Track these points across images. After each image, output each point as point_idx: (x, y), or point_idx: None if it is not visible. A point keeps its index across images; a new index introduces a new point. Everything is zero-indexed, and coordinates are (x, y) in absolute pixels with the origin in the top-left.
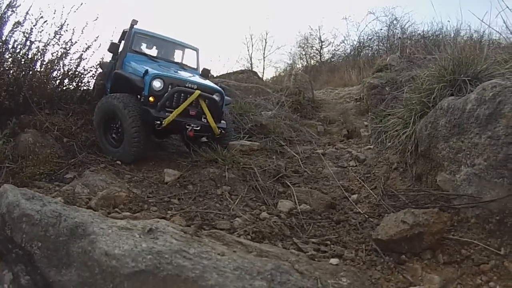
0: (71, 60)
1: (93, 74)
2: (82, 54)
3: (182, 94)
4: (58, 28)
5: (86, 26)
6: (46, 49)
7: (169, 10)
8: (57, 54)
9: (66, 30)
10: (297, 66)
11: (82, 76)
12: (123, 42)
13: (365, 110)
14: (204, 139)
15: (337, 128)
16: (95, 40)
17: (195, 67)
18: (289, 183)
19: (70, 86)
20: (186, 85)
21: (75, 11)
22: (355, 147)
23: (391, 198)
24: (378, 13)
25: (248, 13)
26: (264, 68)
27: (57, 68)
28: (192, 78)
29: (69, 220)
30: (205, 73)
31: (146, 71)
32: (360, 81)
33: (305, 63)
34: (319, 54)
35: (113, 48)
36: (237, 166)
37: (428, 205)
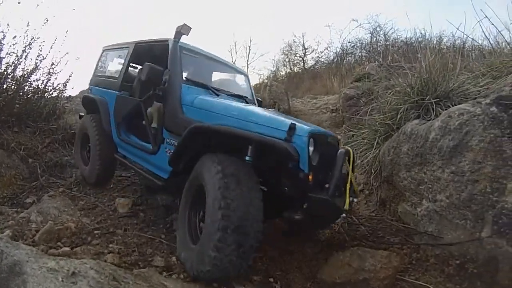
0: (41, 75)
1: (60, 91)
2: (49, 70)
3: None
4: (28, 43)
5: (55, 41)
6: (18, 64)
7: (150, 18)
8: (27, 69)
9: (40, 46)
10: (281, 73)
11: (51, 92)
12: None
13: (340, 122)
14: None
15: None
16: (64, 56)
17: (251, 97)
18: None
19: (39, 103)
20: (328, 140)
21: (43, 25)
22: None
23: (352, 227)
24: (362, 20)
25: (232, 21)
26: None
27: (27, 84)
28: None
29: (9, 258)
30: (260, 105)
31: (292, 128)
32: (341, 89)
33: (289, 70)
34: (302, 61)
35: (153, 74)
36: None
37: (388, 237)
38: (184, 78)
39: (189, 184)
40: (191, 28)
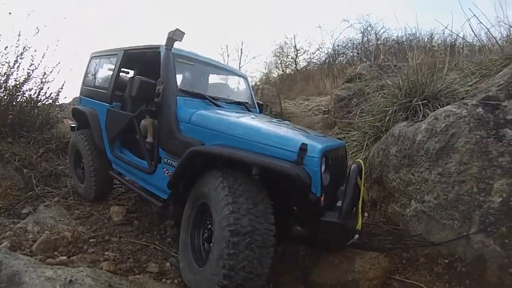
0: (33, 85)
1: (53, 100)
2: (42, 80)
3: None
4: (20, 53)
5: (47, 50)
6: (11, 74)
7: (142, 24)
8: (19, 79)
9: (32, 55)
10: (273, 75)
11: (44, 102)
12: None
13: (332, 123)
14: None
15: None
16: (57, 65)
17: (251, 102)
18: None
19: (32, 113)
20: (339, 153)
21: (35, 35)
22: None
23: None
24: (352, 20)
25: (223, 24)
26: None
27: (20, 94)
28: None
29: (8, 268)
30: (260, 109)
31: (304, 149)
32: (333, 90)
33: (281, 72)
34: (294, 63)
35: (144, 89)
36: None
37: (379, 238)
38: (179, 90)
39: (191, 203)
40: (184, 33)
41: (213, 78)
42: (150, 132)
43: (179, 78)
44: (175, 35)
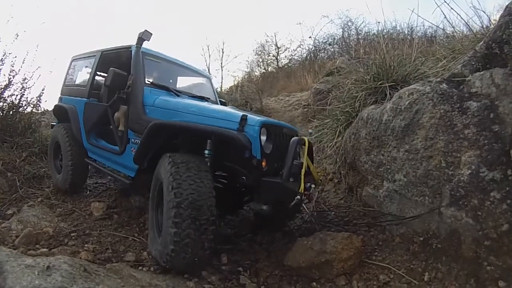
0: (14, 91)
1: (35, 105)
2: (23, 85)
3: (300, 146)
4: (0, 59)
5: (27, 55)
6: None
7: (122, 26)
8: (0, 85)
9: (12, 61)
10: (255, 73)
11: (25, 107)
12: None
13: (312, 117)
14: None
15: None
16: (37, 69)
17: (214, 99)
18: None
19: (14, 118)
20: (284, 131)
21: (14, 41)
22: None
23: (320, 214)
24: (332, 16)
25: (203, 24)
26: (222, 78)
27: (1, 100)
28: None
29: None
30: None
31: (244, 119)
32: (313, 84)
33: (263, 70)
34: (276, 60)
35: (117, 79)
36: None
37: (355, 221)
38: (147, 82)
39: (153, 186)
40: (151, 33)
41: (182, 81)
42: (122, 122)
43: (148, 74)
44: (144, 35)
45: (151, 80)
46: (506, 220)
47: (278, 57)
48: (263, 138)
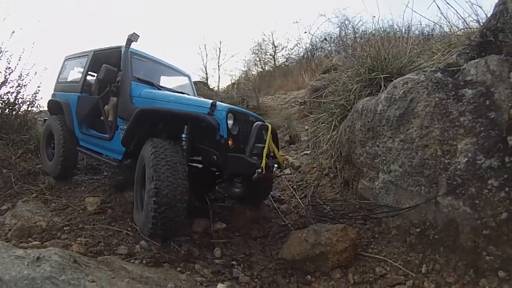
0: (10, 88)
1: (30, 102)
2: (19, 82)
3: (263, 130)
4: None
5: (23, 52)
6: None
7: (117, 26)
8: None
9: (8, 59)
10: (252, 72)
11: (21, 105)
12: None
13: (308, 113)
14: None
15: (281, 134)
16: (32, 67)
17: (193, 95)
18: (207, 200)
19: (10, 115)
20: (250, 119)
21: (9, 38)
22: (293, 153)
23: (316, 208)
24: (329, 14)
25: (200, 24)
26: (219, 77)
27: None
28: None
29: None
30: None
31: (214, 105)
32: (309, 82)
33: (260, 69)
34: (273, 59)
35: (109, 74)
36: None
37: (351, 215)
38: (134, 77)
39: (138, 166)
40: (139, 36)
41: (163, 80)
42: (111, 114)
43: (135, 71)
44: (133, 37)
45: (137, 76)
46: (505, 208)
47: (275, 56)
48: (230, 122)
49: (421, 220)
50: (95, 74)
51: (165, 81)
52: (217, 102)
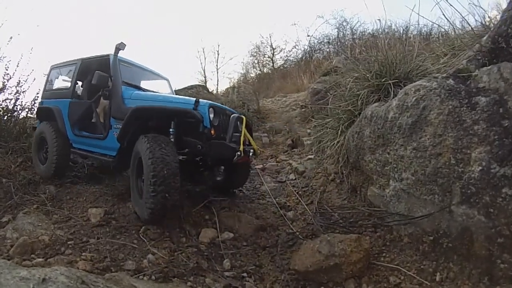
0: (8, 95)
1: (29, 109)
2: (17, 89)
3: (238, 122)
4: None
5: (21, 58)
6: None
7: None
8: None
9: (6, 65)
10: (251, 75)
11: (20, 112)
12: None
13: (310, 116)
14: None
15: (282, 138)
16: (30, 73)
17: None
18: (214, 209)
19: (9, 123)
20: (227, 112)
21: (7, 44)
22: (296, 157)
23: (324, 216)
24: (327, 16)
25: (198, 27)
26: (218, 80)
27: None
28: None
29: None
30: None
31: (197, 101)
32: (309, 84)
33: (259, 71)
34: (271, 62)
35: (102, 81)
36: None
37: (361, 222)
38: (123, 81)
39: (133, 160)
40: (126, 44)
41: (146, 83)
42: (102, 115)
43: (123, 76)
44: (120, 46)
45: (125, 81)
46: None
47: (274, 58)
48: (211, 115)
49: (434, 229)
50: (81, 82)
51: (147, 84)
52: (200, 100)
